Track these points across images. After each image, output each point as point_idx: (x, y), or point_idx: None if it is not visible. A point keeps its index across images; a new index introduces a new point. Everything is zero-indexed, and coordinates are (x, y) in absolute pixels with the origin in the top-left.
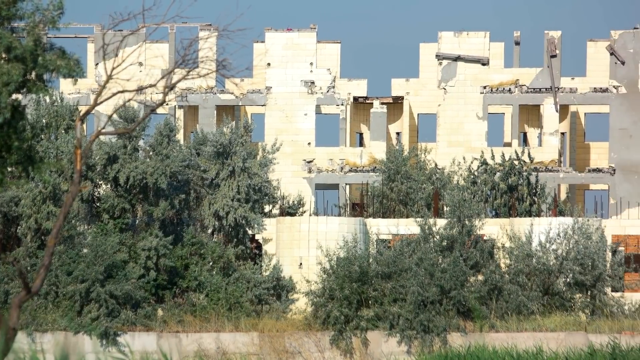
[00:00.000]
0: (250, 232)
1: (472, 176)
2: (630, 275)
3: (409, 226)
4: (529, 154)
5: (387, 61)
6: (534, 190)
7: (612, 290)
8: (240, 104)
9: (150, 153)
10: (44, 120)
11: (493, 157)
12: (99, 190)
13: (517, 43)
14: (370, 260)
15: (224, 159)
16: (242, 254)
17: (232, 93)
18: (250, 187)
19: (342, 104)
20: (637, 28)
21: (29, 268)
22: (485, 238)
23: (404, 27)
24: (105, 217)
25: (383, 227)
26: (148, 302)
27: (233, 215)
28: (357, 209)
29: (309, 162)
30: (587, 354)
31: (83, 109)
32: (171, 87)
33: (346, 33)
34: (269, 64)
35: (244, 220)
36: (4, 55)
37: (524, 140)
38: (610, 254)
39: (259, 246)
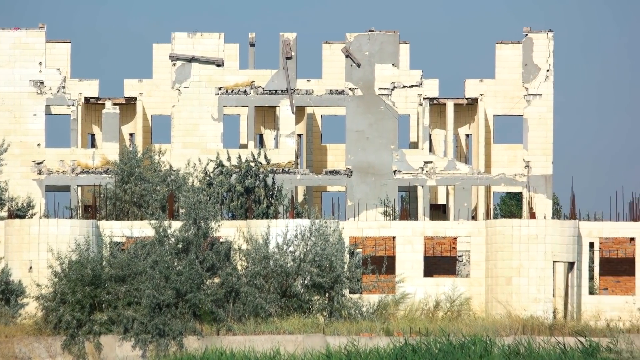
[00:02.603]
0: None
1: (207, 178)
2: (368, 276)
3: (143, 228)
4: (265, 155)
5: (120, 61)
6: (270, 192)
7: (350, 292)
8: None
9: None
10: None
11: (229, 159)
12: None
13: (252, 44)
14: (104, 263)
15: None
16: None
17: None
18: None
19: (73, 105)
20: (372, 31)
21: None
22: (221, 240)
23: (136, 28)
24: None
25: (117, 230)
26: None
27: None
28: (90, 211)
29: (39, 163)
30: (325, 356)
31: None
32: None
33: (77, 33)
34: None
35: None
36: None
37: (261, 142)
38: (348, 255)
39: None
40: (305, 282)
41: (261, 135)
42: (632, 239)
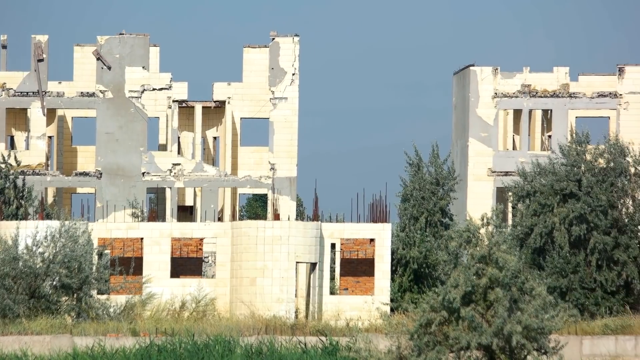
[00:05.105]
0: None
1: None
2: (116, 277)
3: None
4: (15, 157)
5: None
6: (20, 194)
7: (98, 293)
8: None
9: None
10: None
11: None
12: None
13: (4, 46)
14: None
15: None
16: None
17: None
18: None
19: None
20: (123, 34)
21: None
22: None
23: None
24: None
25: None
26: None
27: None
28: None
29: None
30: (71, 357)
31: None
32: None
33: None
34: None
35: None
36: None
37: (11, 144)
38: (96, 256)
39: None
40: (54, 283)
41: (12, 137)
42: (372, 240)
